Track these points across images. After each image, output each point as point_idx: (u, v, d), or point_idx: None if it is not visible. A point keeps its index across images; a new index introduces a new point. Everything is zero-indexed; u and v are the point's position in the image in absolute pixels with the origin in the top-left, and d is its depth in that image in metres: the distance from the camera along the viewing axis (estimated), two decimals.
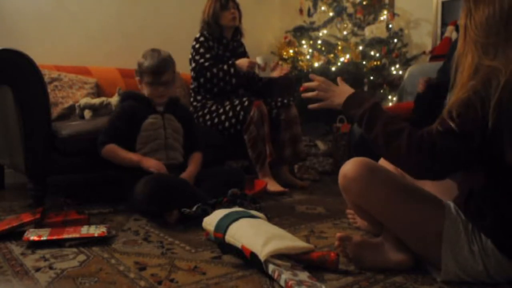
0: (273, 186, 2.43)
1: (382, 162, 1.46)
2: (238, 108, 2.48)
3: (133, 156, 1.97)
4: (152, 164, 1.92)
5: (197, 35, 2.68)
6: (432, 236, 1.16)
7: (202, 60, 2.60)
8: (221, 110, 2.54)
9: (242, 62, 2.55)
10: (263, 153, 2.47)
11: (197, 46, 2.64)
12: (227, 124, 2.51)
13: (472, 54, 1.13)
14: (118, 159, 1.99)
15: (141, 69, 2.06)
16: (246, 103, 2.47)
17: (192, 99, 2.70)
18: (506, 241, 1.11)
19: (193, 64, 2.65)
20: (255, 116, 2.43)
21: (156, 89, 2.05)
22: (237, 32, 2.80)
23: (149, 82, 2.04)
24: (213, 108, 2.59)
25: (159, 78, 2.03)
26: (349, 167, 1.26)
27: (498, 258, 1.11)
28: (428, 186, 1.31)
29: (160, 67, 2.03)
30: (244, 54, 2.83)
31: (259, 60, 2.52)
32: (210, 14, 2.66)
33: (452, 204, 1.20)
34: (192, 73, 2.67)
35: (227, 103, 2.55)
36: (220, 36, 2.70)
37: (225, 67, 2.56)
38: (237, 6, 2.71)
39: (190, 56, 2.68)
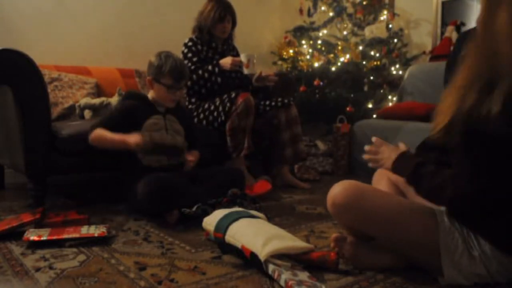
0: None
1: (377, 176, 1.48)
2: (226, 100, 2.49)
3: (115, 137, 1.87)
4: (132, 140, 1.81)
5: (186, 40, 2.68)
6: (429, 248, 1.16)
7: (189, 64, 2.60)
8: (213, 107, 2.55)
9: (225, 61, 2.55)
10: (241, 144, 2.48)
11: (185, 51, 2.65)
12: (223, 117, 2.50)
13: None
14: (103, 142, 1.90)
15: (160, 71, 1.98)
16: (233, 95, 2.48)
17: (187, 103, 2.71)
18: (505, 241, 1.10)
19: None
20: (240, 107, 2.43)
21: (173, 93, 2.02)
22: (228, 37, 2.79)
23: (167, 85, 1.99)
24: (206, 106, 2.59)
25: (179, 83, 2.02)
26: (337, 192, 1.25)
27: (500, 259, 1.11)
28: (419, 197, 1.31)
29: (182, 72, 2.02)
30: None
31: (242, 57, 2.51)
32: (206, 20, 2.65)
33: (444, 213, 1.19)
34: None
35: (217, 99, 2.56)
36: (209, 41, 2.70)
37: (210, 67, 2.56)
38: (232, 18, 2.70)
39: None
